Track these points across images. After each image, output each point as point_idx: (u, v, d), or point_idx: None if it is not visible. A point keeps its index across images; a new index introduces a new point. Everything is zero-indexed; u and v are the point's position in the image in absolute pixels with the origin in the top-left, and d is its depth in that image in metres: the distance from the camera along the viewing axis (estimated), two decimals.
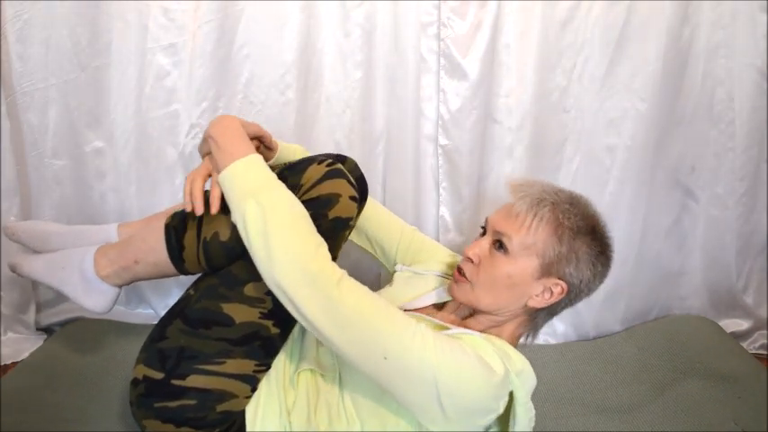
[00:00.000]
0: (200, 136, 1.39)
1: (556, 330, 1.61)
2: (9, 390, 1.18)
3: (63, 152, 1.43)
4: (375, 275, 1.54)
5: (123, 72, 1.37)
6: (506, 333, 0.99)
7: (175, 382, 0.91)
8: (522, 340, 1.04)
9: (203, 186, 0.95)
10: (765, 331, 1.66)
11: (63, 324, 1.50)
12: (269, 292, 0.91)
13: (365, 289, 0.86)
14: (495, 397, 0.86)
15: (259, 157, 0.91)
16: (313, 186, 0.92)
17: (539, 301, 0.95)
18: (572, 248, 0.93)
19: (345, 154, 1.47)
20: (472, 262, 0.98)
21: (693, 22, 1.42)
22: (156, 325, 0.98)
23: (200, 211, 0.92)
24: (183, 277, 1.50)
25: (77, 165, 1.45)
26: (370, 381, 0.86)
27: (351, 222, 0.96)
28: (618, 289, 1.57)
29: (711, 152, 1.54)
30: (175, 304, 0.98)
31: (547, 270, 0.94)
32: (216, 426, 0.92)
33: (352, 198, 0.95)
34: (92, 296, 1.02)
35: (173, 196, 1.44)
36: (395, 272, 1.22)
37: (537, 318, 1.00)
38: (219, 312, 0.92)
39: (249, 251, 0.86)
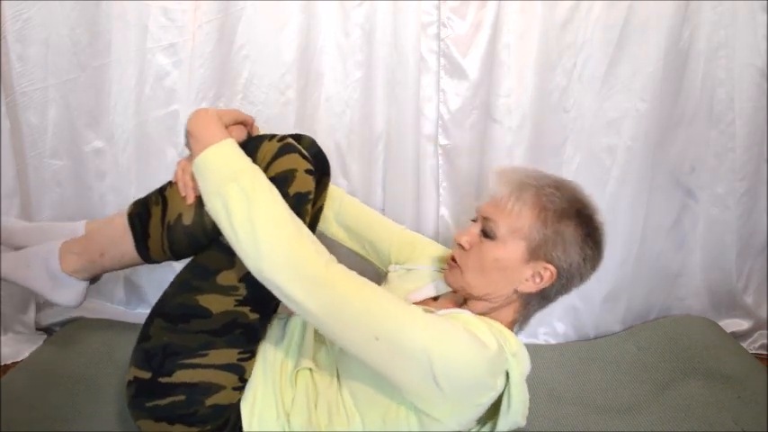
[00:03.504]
0: None
1: (556, 330, 1.61)
2: (9, 390, 1.18)
3: (63, 152, 1.43)
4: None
5: (123, 72, 1.37)
6: (500, 319, 0.98)
7: (163, 379, 0.92)
8: (515, 328, 1.03)
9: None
10: (765, 331, 1.66)
11: (63, 324, 1.50)
12: (242, 279, 0.92)
13: (353, 273, 0.86)
14: (490, 372, 0.86)
15: (232, 141, 0.91)
16: (269, 165, 0.92)
17: (529, 286, 0.95)
18: (557, 231, 0.93)
19: (344, 153, 1.49)
20: (464, 249, 0.99)
21: (693, 22, 1.41)
22: (142, 326, 0.98)
23: (191, 199, 0.94)
24: None
25: (77, 165, 1.45)
26: (366, 367, 0.86)
27: (310, 196, 0.95)
28: (618, 289, 1.57)
29: (711, 152, 1.53)
30: (155, 304, 0.98)
31: (534, 253, 0.94)
32: (208, 421, 0.92)
33: (308, 171, 0.95)
34: (60, 292, 1.02)
35: None
36: (388, 272, 1.22)
37: (530, 304, 0.99)
38: (196, 305, 0.92)
39: (229, 237, 0.85)
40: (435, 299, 1.09)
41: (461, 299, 1.03)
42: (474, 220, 1.02)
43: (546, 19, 1.38)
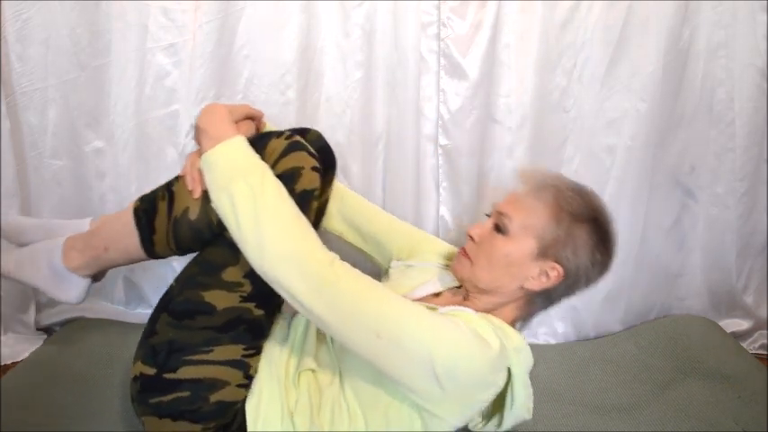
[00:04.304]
0: None
1: (556, 330, 1.61)
2: (9, 389, 1.18)
3: (63, 152, 1.43)
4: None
5: (123, 72, 1.36)
6: (503, 316, 0.99)
7: (167, 375, 0.92)
8: (517, 326, 1.04)
9: None
10: (765, 331, 1.66)
11: (63, 324, 1.50)
12: (247, 275, 0.91)
13: (357, 271, 0.86)
14: (492, 370, 0.86)
15: (243, 139, 0.91)
16: (276, 162, 0.93)
17: (535, 284, 0.97)
18: (570, 233, 0.94)
19: (344, 153, 1.49)
20: (474, 241, 1.00)
21: (693, 23, 1.41)
22: (148, 321, 0.98)
23: (197, 193, 0.94)
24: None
25: (77, 165, 1.45)
26: (368, 365, 0.86)
27: (315, 193, 0.96)
28: (618, 289, 1.57)
29: (711, 152, 1.53)
30: (161, 298, 0.98)
31: (544, 252, 0.95)
32: (212, 418, 0.92)
33: (314, 169, 0.95)
34: (63, 288, 1.02)
35: None
36: (389, 268, 1.22)
37: (534, 303, 1.00)
38: (201, 301, 0.92)
39: (234, 233, 0.85)
40: (437, 295, 1.09)
41: (465, 294, 1.04)
42: (489, 216, 1.03)
43: (546, 19, 1.38)
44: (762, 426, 1.21)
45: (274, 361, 0.99)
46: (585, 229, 0.95)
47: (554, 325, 1.61)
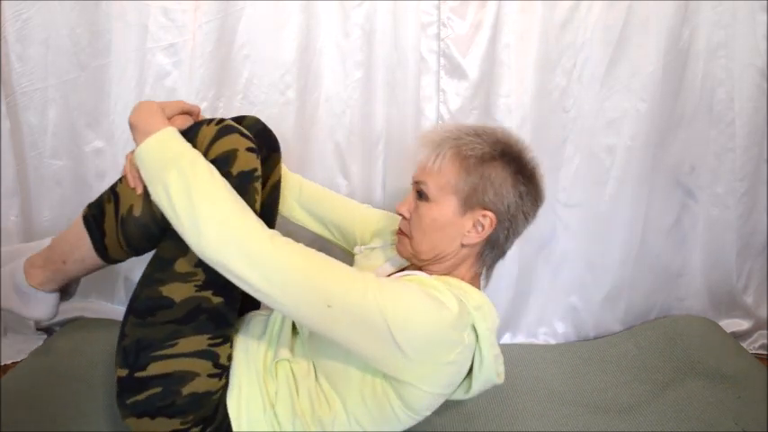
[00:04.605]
0: None
1: (556, 330, 1.61)
2: (9, 389, 1.18)
3: (63, 152, 1.43)
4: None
5: (123, 72, 1.37)
6: (460, 276, 0.99)
7: (138, 374, 0.92)
8: (481, 283, 1.05)
9: None
10: (765, 331, 1.66)
11: (63, 324, 1.50)
12: (197, 264, 0.91)
13: (299, 244, 0.86)
14: (452, 328, 0.86)
15: (173, 129, 0.92)
16: (208, 148, 0.93)
17: (473, 237, 0.97)
18: (483, 176, 0.95)
19: (344, 153, 1.49)
20: (405, 218, 1.02)
21: (693, 23, 1.42)
22: (120, 327, 0.99)
23: (140, 189, 0.94)
24: None
25: (77, 165, 1.45)
26: (334, 346, 0.87)
27: (256, 174, 0.95)
28: (618, 289, 1.57)
29: (711, 152, 1.54)
30: (128, 302, 0.99)
31: (467, 204, 0.96)
32: (188, 411, 0.93)
33: (250, 149, 0.95)
34: (32, 306, 1.05)
35: None
36: (355, 254, 1.23)
37: (484, 255, 1.01)
38: (160, 296, 0.93)
39: (174, 223, 0.85)
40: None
41: (418, 268, 1.04)
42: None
43: (546, 19, 1.38)
44: (762, 426, 1.21)
45: (251, 354, 1.00)
46: (496, 166, 0.95)
47: (554, 325, 1.61)
